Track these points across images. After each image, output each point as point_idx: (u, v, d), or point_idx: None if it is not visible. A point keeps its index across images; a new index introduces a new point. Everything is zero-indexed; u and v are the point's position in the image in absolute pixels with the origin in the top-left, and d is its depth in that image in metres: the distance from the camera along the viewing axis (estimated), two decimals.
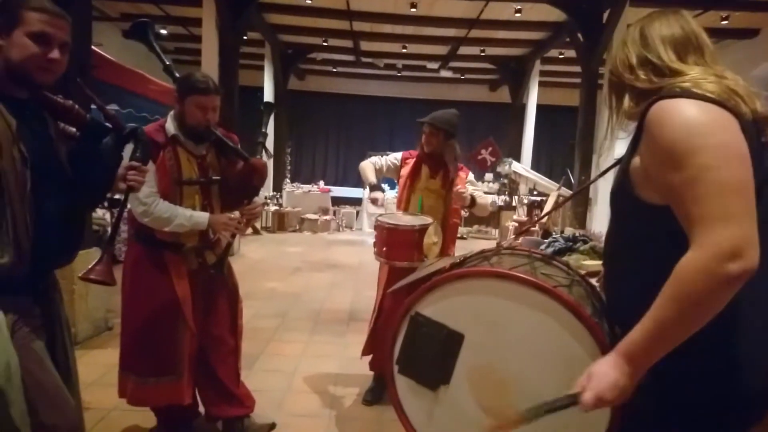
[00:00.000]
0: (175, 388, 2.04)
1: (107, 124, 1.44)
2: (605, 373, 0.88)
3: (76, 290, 3.38)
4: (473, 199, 2.61)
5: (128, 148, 1.54)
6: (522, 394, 1.12)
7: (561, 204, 7.41)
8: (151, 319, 2.02)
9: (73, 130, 1.40)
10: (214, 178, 2.08)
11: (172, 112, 2.03)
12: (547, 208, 7.64)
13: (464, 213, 3.92)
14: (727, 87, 0.91)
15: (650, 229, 0.96)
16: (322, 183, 11.90)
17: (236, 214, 2.09)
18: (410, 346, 1.26)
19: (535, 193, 9.86)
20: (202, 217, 1.98)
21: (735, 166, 0.82)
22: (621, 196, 1.01)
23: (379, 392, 2.75)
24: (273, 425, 2.39)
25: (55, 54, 1.26)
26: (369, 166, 2.85)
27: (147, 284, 2.02)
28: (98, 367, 3.06)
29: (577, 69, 8.11)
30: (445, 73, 11.85)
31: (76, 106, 1.37)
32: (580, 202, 7.37)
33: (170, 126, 1.99)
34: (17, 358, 1.20)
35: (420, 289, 1.26)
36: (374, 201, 2.70)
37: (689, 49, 1.02)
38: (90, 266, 1.44)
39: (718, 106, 0.87)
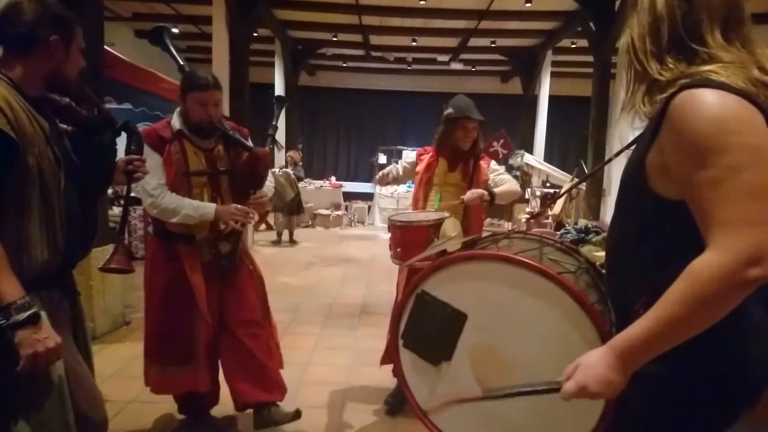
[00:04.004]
0: (192, 376, 2.11)
1: (101, 119, 1.49)
2: (593, 365, 0.87)
3: (94, 286, 3.46)
4: (492, 195, 2.43)
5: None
6: (522, 376, 1.13)
7: (561, 194, 7.33)
8: (168, 310, 2.09)
9: (65, 126, 1.45)
10: (221, 169, 2.11)
11: (178, 109, 2.09)
12: (560, 200, 7.58)
13: None
14: (760, 79, 0.86)
15: (659, 222, 0.93)
16: (333, 178, 11.94)
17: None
18: (415, 322, 1.30)
19: (548, 185, 9.78)
20: (209, 207, 2.00)
21: (764, 169, 0.78)
22: (632, 186, 0.98)
23: (402, 398, 2.53)
24: (298, 413, 2.30)
25: (84, 62, 1.38)
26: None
27: (163, 277, 2.08)
28: (116, 361, 3.14)
29: (590, 59, 7.99)
30: (455, 66, 11.77)
31: (73, 104, 1.42)
32: (594, 192, 7.29)
33: (175, 122, 2.05)
34: None
35: (427, 267, 1.28)
36: (381, 176, 2.58)
37: (733, 24, 0.90)
38: (107, 258, 1.49)
39: (750, 102, 0.82)
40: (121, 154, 1.58)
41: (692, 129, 0.82)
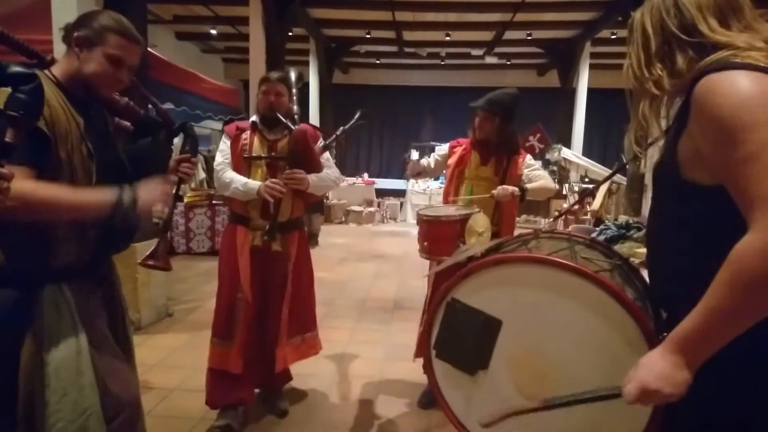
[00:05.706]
0: (227, 352, 2.29)
1: (159, 119, 1.54)
2: (651, 363, 0.85)
3: (139, 279, 3.61)
4: (523, 191, 2.42)
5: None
6: (563, 379, 1.10)
7: (592, 191, 7.10)
8: (222, 285, 2.36)
9: (128, 124, 1.51)
10: (273, 154, 2.33)
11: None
12: (599, 195, 7.36)
13: None
14: None
15: (697, 211, 0.91)
16: (366, 175, 11.99)
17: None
18: (447, 332, 1.26)
19: (587, 180, 9.50)
20: (255, 184, 2.25)
21: None
22: (666, 178, 0.96)
23: (434, 397, 2.63)
24: (284, 412, 2.53)
25: (122, 75, 1.39)
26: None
27: (224, 256, 2.38)
28: (160, 351, 3.28)
29: None
30: (490, 60, 11.58)
31: (131, 103, 1.48)
32: (635, 188, 7.04)
33: (254, 116, 2.43)
34: (85, 333, 1.32)
35: (456, 275, 1.24)
36: (412, 165, 2.60)
37: (730, 12, 0.92)
38: (148, 253, 1.56)
39: None
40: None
41: (719, 111, 0.81)
